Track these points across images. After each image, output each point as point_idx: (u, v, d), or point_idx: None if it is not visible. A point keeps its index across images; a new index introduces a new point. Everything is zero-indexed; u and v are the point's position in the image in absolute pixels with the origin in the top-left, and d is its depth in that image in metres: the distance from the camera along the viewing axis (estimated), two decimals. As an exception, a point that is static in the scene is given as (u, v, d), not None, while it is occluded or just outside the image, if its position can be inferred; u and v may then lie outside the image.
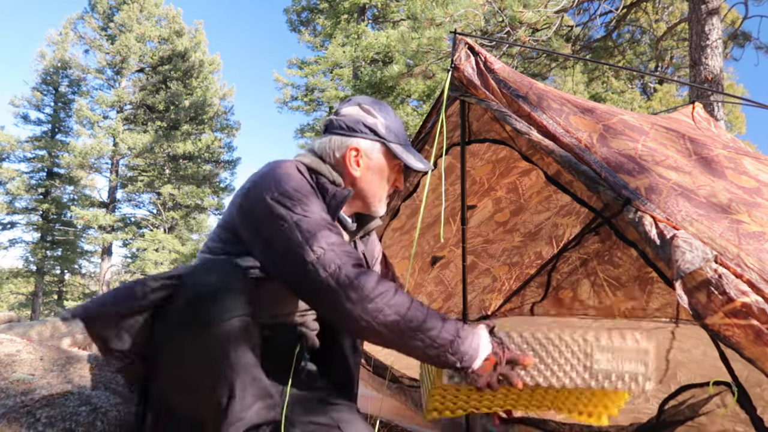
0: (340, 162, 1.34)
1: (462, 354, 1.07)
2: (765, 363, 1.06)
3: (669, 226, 1.28)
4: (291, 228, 1.12)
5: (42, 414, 1.40)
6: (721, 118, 5.53)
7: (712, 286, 1.13)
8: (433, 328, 1.06)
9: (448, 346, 1.06)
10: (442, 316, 1.09)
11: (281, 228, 1.12)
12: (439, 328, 1.07)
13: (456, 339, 1.07)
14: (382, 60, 14.36)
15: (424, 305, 1.10)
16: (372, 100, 1.41)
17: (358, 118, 1.36)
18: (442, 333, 1.06)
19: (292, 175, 1.21)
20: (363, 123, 1.35)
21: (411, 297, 1.11)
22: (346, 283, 1.06)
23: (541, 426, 2.07)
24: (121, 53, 19.31)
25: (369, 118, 1.36)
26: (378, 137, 1.35)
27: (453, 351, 1.06)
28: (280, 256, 1.13)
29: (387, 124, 1.37)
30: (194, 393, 1.09)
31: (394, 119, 1.39)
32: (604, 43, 9.31)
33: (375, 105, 1.39)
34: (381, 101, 1.44)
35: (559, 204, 2.96)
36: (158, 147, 19.10)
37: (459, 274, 3.22)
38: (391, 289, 1.08)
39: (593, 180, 1.48)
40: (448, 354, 1.07)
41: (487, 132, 2.27)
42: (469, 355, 1.07)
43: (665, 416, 1.81)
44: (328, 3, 16.01)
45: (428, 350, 1.07)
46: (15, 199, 19.29)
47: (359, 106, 1.38)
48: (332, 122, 1.38)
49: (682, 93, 16.35)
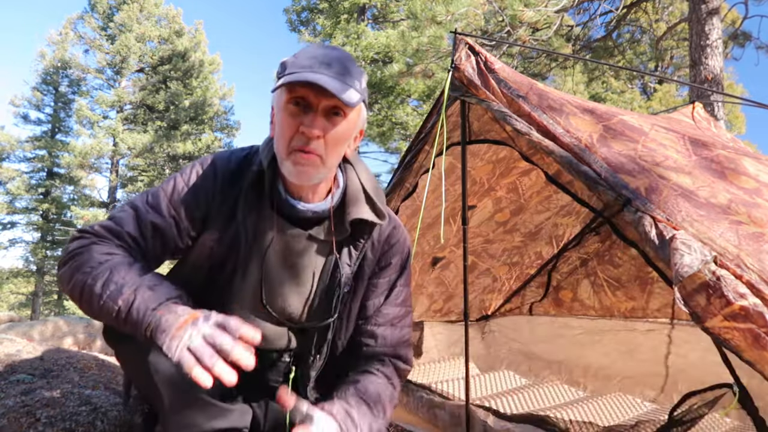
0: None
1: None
2: (764, 366, 1.06)
3: (669, 226, 1.28)
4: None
5: (42, 414, 1.40)
6: (721, 118, 5.52)
7: (711, 289, 1.13)
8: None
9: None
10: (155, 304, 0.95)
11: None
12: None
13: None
14: (382, 60, 14.34)
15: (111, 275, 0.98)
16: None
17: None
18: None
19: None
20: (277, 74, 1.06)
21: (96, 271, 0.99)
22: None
23: (541, 425, 2.07)
24: (121, 53, 19.31)
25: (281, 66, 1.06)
26: (278, 78, 1.04)
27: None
28: None
29: (295, 58, 1.04)
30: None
31: (312, 49, 1.05)
32: (604, 43, 9.31)
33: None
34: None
35: (559, 204, 2.96)
36: (158, 147, 19.10)
37: (459, 275, 3.22)
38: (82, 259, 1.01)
39: (593, 180, 1.48)
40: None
41: (487, 132, 2.27)
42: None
43: (673, 423, 1.82)
44: (328, 3, 16.00)
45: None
46: (15, 199, 19.28)
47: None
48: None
49: (682, 93, 16.33)
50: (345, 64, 1.02)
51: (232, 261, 1.14)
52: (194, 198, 1.13)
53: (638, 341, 2.93)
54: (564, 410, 2.52)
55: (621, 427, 2.04)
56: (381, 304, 1.24)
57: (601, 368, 3.05)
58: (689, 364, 2.64)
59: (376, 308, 1.24)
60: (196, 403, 1.08)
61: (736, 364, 1.83)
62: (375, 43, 13.32)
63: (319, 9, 16.62)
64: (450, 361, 3.47)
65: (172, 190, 1.14)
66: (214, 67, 21.36)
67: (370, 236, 1.18)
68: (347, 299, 1.21)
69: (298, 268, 1.18)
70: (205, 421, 1.10)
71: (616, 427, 2.06)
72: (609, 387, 2.93)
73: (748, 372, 1.33)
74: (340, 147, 1.06)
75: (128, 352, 1.09)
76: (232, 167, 1.15)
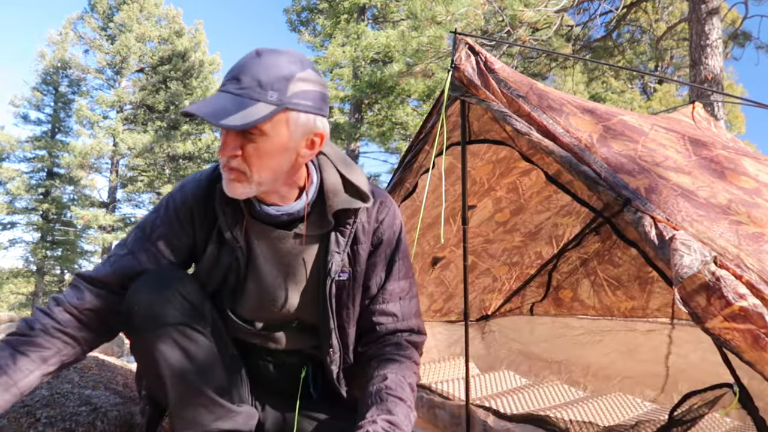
0: None
1: None
2: (764, 367, 1.06)
3: (668, 226, 1.28)
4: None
5: (42, 414, 1.40)
6: (721, 118, 5.52)
7: (711, 290, 1.13)
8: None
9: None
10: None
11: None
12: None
13: None
14: (382, 60, 14.34)
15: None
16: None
17: None
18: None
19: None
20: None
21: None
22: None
23: (541, 425, 2.07)
24: (121, 53, 19.31)
25: None
26: None
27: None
28: None
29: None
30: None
31: (243, 58, 1.03)
32: (604, 43, 9.31)
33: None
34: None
35: (559, 204, 2.96)
36: (158, 147, 19.10)
37: (459, 275, 3.22)
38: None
39: (593, 180, 1.48)
40: None
41: (487, 132, 2.27)
42: None
43: (673, 423, 1.82)
44: (327, 3, 15.99)
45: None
46: (15, 199, 19.29)
47: None
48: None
49: (682, 93, 16.34)
50: (259, 76, 0.97)
51: (233, 273, 1.18)
52: (171, 229, 1.16)
53: (639, 341, 2.93)
54: (564, 410, 2.51)
55: (621, 427, 2.04)
56: (384, 281, 1.24)
57: (601, 368, 3.05)
58: (690, 365, 2.64)
59: (380, 286, 1.23)
60: (203, 401, 1.09)
61: (736, 365, 1.83)
62: (375, 43, 13.30)
63: (319, 9, 16.62)
64: (450, 361, 3.47)
65: (151, 228, 1.18)
66: (214, 67, 21.36)
67: (356, 220, 1.18)
68: (347, 286, 1.21)
69: (292, 267, 1.19)
70: (211, 420, 1.11)
71: (616, 427, 2.06)
72: (609, 387, 2.93)
73: (749, 372, 1.33)
74: (266, 162, 1.02)
75: (140, 343, 1.11)
76: (203, 186, 1.17)
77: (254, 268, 1.18)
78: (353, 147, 15.65)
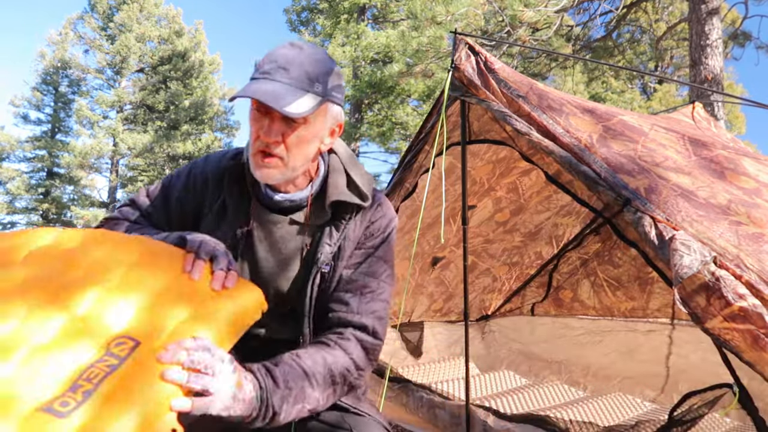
0: None
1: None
2: (763, 367, 1.06)
3: (668, 226, 1.28)
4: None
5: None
6: (721, 118, 5.52)
7: (711, 290, 1.13)
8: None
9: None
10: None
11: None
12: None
13: None
14: (382, 60, 14.35)
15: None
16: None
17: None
18: None
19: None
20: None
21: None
22: None
23: (541, 425, 2.07)
24: (121, 53, 19.31)
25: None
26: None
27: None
28: None
29: (263, 59, 1.07)
30: None
31: (279, 50, 1.06)
32: (604, 43, 9.32)
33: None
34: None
35: (559, 204, 2.96)
36: (158, 147, 19.11)
37: (459, 275, 3.22)
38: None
39: (593, 180, 1.48)
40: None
41: (487, 132, 2.27)
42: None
43: (673, 423, 1.82)
44: (328, 3, 16.00)
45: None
46: (15, 199, 19.30)
47: None
48: None
49: (682, 93, 16.34)
50: (306, 68, 1.04)
51: (229, 250, 1.17)
52: (186, 194, 1.24)
53: (639, 342, 2.93)
54: (564, 410, 2.51)
55: (621, 427, 2.04)
56: (351, 273, 1.21)
57: (601, 368, 3.05)
58: (690, 365, 2.64)
59: (347, 277, 1.21)
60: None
61: (736, 365, 1.83)
62: (375, 43, 13.32)
63: (319, 9, 16.63)
64: (450, 361, 3.47)
65: (170, 188, 1.25)
66: (214, 67, 21.37)
67: (352, 217, 1.20)
68: (327, 278, 1.20)
69: (284, 253, 1.21)
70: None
71: (616, 427, 2.06)
72: (609, 387, 2.93)
73: (749, 372, 1.33)
74: (303, 149, 1.08)
75: None
76: (223, 165, 1.23)
77: (249, 248, 1.20)
78: (353, 147, 15.66)
